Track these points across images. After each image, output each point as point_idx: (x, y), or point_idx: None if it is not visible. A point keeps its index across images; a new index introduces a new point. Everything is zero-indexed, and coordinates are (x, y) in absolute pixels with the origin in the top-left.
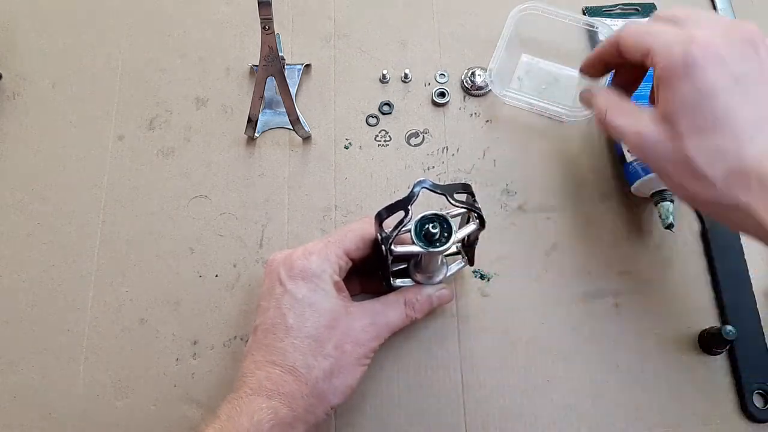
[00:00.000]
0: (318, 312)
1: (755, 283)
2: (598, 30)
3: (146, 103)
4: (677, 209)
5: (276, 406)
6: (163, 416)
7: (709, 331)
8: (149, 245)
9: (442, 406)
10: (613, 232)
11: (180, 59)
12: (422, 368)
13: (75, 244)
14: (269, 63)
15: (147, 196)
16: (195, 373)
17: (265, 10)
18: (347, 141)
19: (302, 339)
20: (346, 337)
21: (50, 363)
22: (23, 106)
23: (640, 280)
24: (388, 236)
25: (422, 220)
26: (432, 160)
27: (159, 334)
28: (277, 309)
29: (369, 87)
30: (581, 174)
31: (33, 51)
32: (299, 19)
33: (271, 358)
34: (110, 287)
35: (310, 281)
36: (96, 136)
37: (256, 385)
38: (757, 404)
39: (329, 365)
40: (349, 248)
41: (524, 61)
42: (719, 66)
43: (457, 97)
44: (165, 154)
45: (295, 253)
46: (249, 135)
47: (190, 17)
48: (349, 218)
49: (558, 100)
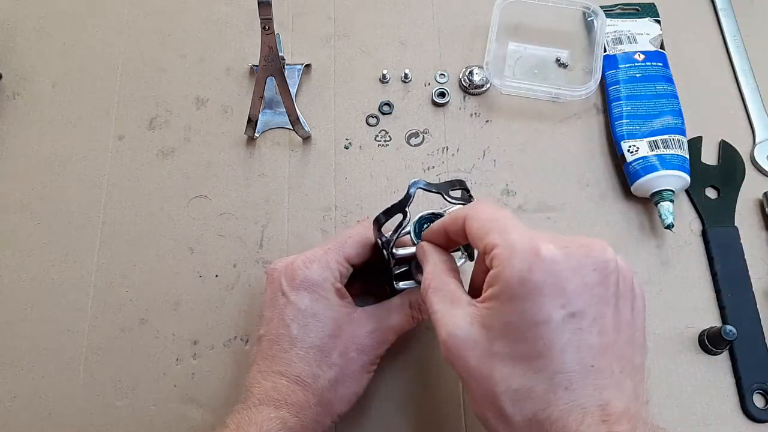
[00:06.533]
0: (321, 321)
1: (755, 283)
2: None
3: (146, 103)
4: (677, 209)
5: (284, 416)
6: (163, 416)
7: (709, 331)
8: (149, 245)
9: (443, 406)
10: (613, 232)
11: (180, 59)
12: (422, 368)
13: (75, 244)
14: (269, 63)
15: (147, 196)
16: (195, 373)
17: (265, 10)
18: (347, 141)
19: (307, 350)
20: (351, 344)
21: (50, 363)
22: (23, 106)
23: (640, 280)
24: (388, 240)
25: (420, 220)
26: (432, 160)
27: (159, 334)
28: (281, 320)
29: (369, 87)
30: (581, 174)
31: (33, 51)
32: (299, 19)
33: (277, 369)
34: (110, 287)
35: (312, 291)
36: (96, 136)
37: (263, 396)
38: (757, 404)
39: (335, 374)
40: (349, 254)
41: (512, 49)
42: (557, 296)
43: (456, 97)
44: (165, 154)
45: (296, 262)
46: (249, 135)
47: (190, 17)
48: (349, 218)
49: (551, 82)
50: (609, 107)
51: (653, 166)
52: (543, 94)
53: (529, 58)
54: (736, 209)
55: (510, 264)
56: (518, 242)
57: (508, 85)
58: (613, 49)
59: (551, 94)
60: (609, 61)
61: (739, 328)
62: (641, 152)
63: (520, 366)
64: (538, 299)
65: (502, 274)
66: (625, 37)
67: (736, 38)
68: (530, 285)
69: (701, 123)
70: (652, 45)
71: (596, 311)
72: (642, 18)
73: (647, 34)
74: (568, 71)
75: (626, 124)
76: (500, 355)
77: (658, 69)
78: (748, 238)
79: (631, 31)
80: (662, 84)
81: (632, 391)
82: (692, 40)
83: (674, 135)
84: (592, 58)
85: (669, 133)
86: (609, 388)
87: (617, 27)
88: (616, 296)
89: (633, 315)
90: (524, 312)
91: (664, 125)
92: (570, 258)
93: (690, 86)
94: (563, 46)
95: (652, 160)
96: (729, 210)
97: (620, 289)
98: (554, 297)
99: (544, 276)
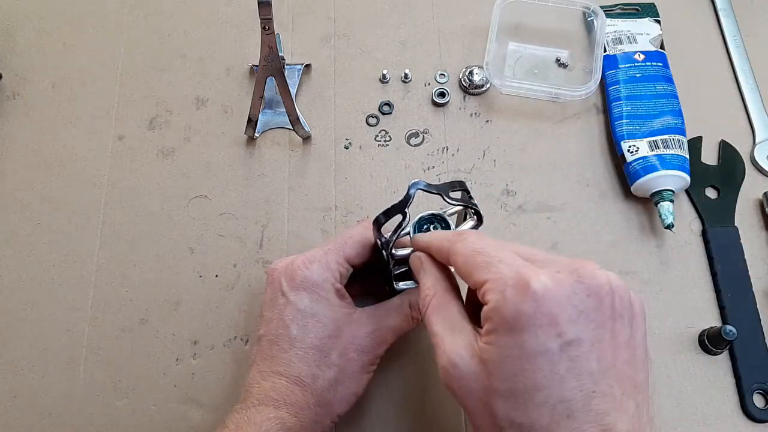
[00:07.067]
0: (321, 322)
1: (755, 283)
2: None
3: (146, 103)
4: (677, 209)
5: (283, 416)
6: (163, 416)
7: (709, 331)
8: (149, 245)
9: (442, 406)
10: (613, 232)
11: (180, 59)
12: (422, 368)
13: (75, 244)
14: (269, 63)
15: (147, 196)
16: (195, 373)
17: (265, 10)
18: (347, 141)
19: (306, 350)
20: (350, 344)
21: (50, 363)
22: (23, 106)
23: (640, 280)
24: (388, 241)
25: (420, 221)
26: (432, 160)
27: (159, 334)
28: (280, 320)
29: (369, 87)
30: (581, 174)
31: (33, 51)
32: (299, 19)
33: (277, 369)
34: (110, 287)
35: (311, 291)
36: (96, 136)
37: (262, 396)
38: (757, 404)
39: (334, 374)
40: (349, 255)
41: (512, 49)
42: (552, 326)
43: (457, 97)
44: (165, 154)
45: (296, 262)
46: (249, 135)
47: (190, 17)
48: (349, 218)
49: (551, 82)
50: (609, 107)
51: (653, 166)
52: (543, 94)
53: (529, 58)
54: (736, 209)
55: (503, 299)
56: (508, 275)
57: (508, 85)
58: (613, 49)
59: (551, 94)
60: (609, 61)
61: (739, 328)
62: (641, 152)
63: (522, 400)
64: (533, 331)
65: (495, 310)
66: (625, 37)
67: (736, 38)
68: (524, 318)
69: (701, 123)
70: (652, 45)
71: (593, 336)
72: (642, 18)
73: (647, 34)
74: (568, 71)
75: (626, 124)
76: (500, 391)
77: (658, 69)
78: (748, 238)
79: (631, 31)
80: (662, 84)
81: (635, 411)
82: (692, 40)
83: (674, 135)
84: (592, 58)
85: (669, 133)
86: (612, 412)
87: (617, 27)
88: (613, 318)
89: (632, 332)
90: (522, 345)
91: (664, 125)
92: (562, 287)
93: (690, 86)
94: (563, 46)
95: (652, 160)
96: (729, 210)
97: (616, 310)
98: (549, 327)
99: (537, 308)
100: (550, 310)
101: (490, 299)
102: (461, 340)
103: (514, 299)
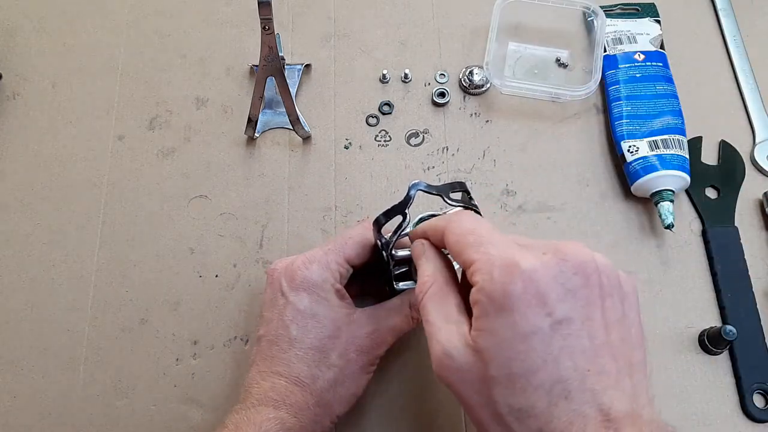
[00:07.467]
0: (321, 323)
1: (755, 283)
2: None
3: (146, 103)
4: (677, 209)
5: (283, 416)
6: (163, 416)
7: (709, 331)
8: (149, 245)
9: (442, 407)
10: (613, 232)
11: (180, 59)
12: (422, 368)
13: (75, 244)
14: (269, 63)
15: (147, 196)
16: (195, 373)
17: (265, 10)
18: (347, 141)
19: (306, 350)
20: (350, 345)
21: (50, 363)
22: (23, 106)
23: (640, 280)
24: (388, 241)
25: (420, 222)
26: (432, 160)
27: (159, 334)
28: (280, 320)
29: (369, 87)
30: (581, 174)
31: (33, 51)
32: (299, 19)
33: (276, 369)
34: (110, 287)
35: (311, 291)
36: (96, 136)
37: (261, 396)
38: (757, 404)
39: (333, 375)
40: (349, 255)
41: (512, 49)
42: (541, 306)
43: (457, 97)
44: (165, 154)
45: (296, 263)
46: (249, 135)
47: (190, 17)
48: (349, 218)
49: (551, 82)
50: (609, 107)
51: (653, 166)
52: (543, 94)
53: (529, 58)
54: (736, 209)
55: (490, 279)
56: (496, 256)
57: (508, 85)
58: (613, 49)
59: (551, 94)
60: (609, 61)
61: (739, 328)
62: (641, 152)
63: (519, 384)
64: (522, 311)
65: (483, 290)
66: (625, 37)
67: (736, 38)
68: (513, 298)
69: (701, 123)
70: (652, 45)
71: (583, 314)
72: (642, 18)
73: (647, 34)
74: (568, 71)
75: (626, 124)
76: (497, 378)
77: (658, 69)
78: (748, 238)
79: (631, 31)
80: (662, 84)
81: (632, 390)
82: (692, 40)
83: (674, 135)
84: (592, 58)
85: (669, 133)
86: (608, 390)
87: (617, 27)
88: (602, 296)
89: (624, 311)
90: (513, 325)
91: (664, 125)
92: (548, 266)
93: (690, 86)
94: (563, 46)
95: (652, 160)
96: (729, 210)
97: (605, 288)
98: (538, 307)
99: (525, 287)
100: (538, 289)
101: (478, 280)
102: (456, 330)
103: (502, 279)
